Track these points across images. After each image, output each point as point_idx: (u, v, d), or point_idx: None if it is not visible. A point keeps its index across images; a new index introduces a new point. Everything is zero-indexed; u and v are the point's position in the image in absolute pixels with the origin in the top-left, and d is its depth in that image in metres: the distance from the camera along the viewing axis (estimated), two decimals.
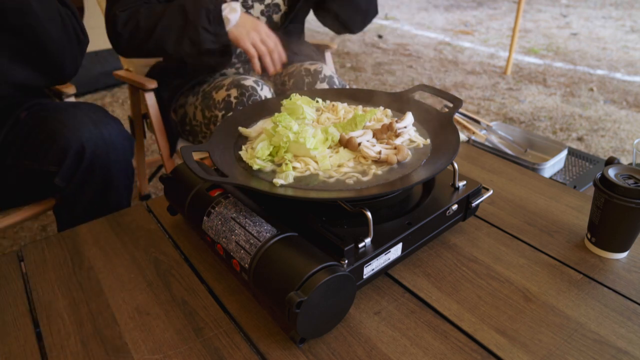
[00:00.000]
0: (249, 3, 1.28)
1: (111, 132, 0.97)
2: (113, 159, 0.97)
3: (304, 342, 0.63)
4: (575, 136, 2.53)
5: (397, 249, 0.71)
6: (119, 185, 1.01)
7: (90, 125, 0.94)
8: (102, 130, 0.95)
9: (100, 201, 1.00)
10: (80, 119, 0.95)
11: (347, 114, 0.86)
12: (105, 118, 0.98)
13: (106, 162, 0.96)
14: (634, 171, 0.74)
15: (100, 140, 0.94)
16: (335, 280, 0.59)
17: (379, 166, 0.73)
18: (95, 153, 0.93)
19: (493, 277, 0.74)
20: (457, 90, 3.18)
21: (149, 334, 0.65)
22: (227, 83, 1.20)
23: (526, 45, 4.12)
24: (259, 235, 0.65)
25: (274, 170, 0.73)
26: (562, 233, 0.84)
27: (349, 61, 3.82)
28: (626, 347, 0.62)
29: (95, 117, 0.97)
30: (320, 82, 1.28)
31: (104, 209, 1.00)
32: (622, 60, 3.70)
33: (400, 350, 0.62)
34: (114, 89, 3.18)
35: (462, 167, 1.06)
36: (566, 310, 0.68)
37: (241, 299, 0.71)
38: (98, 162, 0.95)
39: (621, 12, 5.31)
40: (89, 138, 0.92)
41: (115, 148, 0.97)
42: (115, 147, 0.97)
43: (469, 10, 5.53)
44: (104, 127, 0.96)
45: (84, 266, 0.78)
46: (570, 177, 1.61)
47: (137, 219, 0.90)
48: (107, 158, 0.96)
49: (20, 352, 0.63)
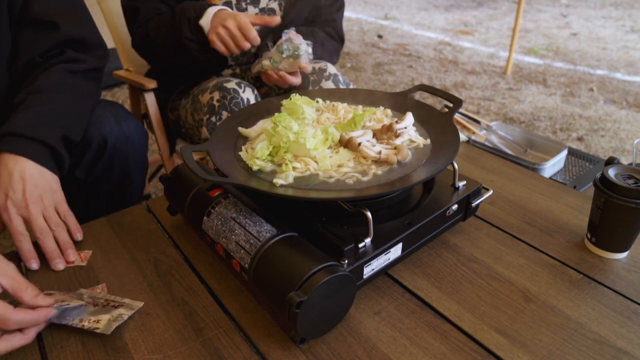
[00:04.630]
0: (243, 6, 1.28)
1: (130, 127, 1.00)
2: (131, 153, 1.01)
3: (304, 342, 0.63)
4: (575, 136, 2.53)
5: (397, 249, 0.71)
6: (135, 179, 1.04)
7: (111, 120, 0.97)
8: (122, 124, 0.99)
9: (117, 194, 1.03)
10: (101, 114, 0.98)
11: (347, 114, 0.86)
12: (124, 114, 1.02)
13: (125, 155, 0.99)
14: (634, 171, 0.74)
15: (121, 134, 0.97)
16: (335, 280, 0.59)
17: (379, 166, 0.73)
18: (115, 146, 0.96)
19: (493, 277, 0.74)
20: (457, 90, 3.18)
21: (149, 334, 0.65)
22: (211, 86, 1.21)
23: (526, 45, 4.12)
24: (259, 235, 0.65)
25: (274, 171, 0.73)
26: (562, 233, 0.84)
27: (349, 61, 3.82)
28: (626, 347, 0.62)
29: (115, 112, 1.00)
30: (325, 80, 1.28)
31: (120, 201, 1.02)
32: (622, 60, 3.70)
33: (400, 350, 0.62)
34: (114, 88, 3.18)
35: (462, 167, 1.06)
36: (566, 310, 0.68)
37: (241, 299, 0.71)
38: (118, 156, 0.98)
39: (621, 12, 5.31)
40: (109, 132, 0.96)
41: (133, 142, 1.01)
42: (133, 142, 1.00)
43: (469, 10, 5.53)
44: (124, 122, 0.99)
45: (84, 266, 0.78)
46: (570, 177, 1.61)
47: (137, 219, 0.90)
48: (126, 151, 0.99)
49: (20, 352, 0.63)
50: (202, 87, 1.25)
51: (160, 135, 1.39)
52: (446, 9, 5.61)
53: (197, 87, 1.29)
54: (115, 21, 1.46)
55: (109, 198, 1.02)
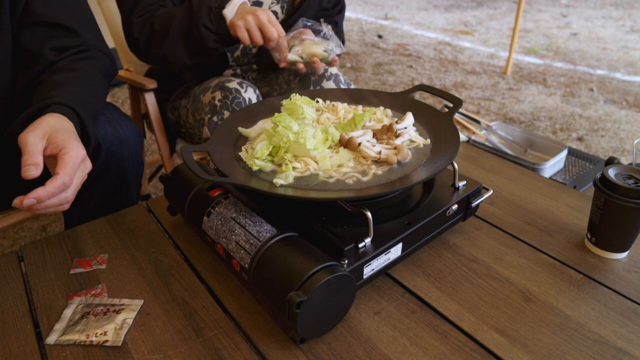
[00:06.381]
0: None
1: (125, 129, 0.99)
2: (127, 155, 1.00)
3: (304, 342, 0.63)
4: (575, 136, 2.53)
5: (397, 249, 0.71)
6: (131, 181, 1.04)
7: (105, 123, 0.96)
8: (117, 127, 0.98)
9: (113, 195, 1.02)
10: None
11: (347, 114, 0.86)
12: (119, 116, 1.01)
13: (120, 158, 0.99)
14: (634, 171, 0.74)
15: (115, 137, 0.97)
16: (335, 280, 0.59)
17: (379, 166, 0.73)
18: (110, 150, 0.96)
19: (493, 277, 0.74)
20: (457, 90, 3.18)
21: (149, 334, 0.65)
22: (212, 85, 1.20)
23: (526, 45, 4.12)
24: (259, 235, 0.65)
25: (274, 171, 0.73)
26: (562, 233, 0.84)
27: (349, 61, 3.82)
28: (626, 347, 0.62)
29: (109, 115, 0.99)
30: (326, 80, 1.28)
31: (116, 204, 1.02)
32: (622, 60, 3.70)
33: (400, 350, 0.62)
34: (114, 88, 3.18)
35: (462, 167, 1.06)
36: (566, 310, 0.68)
37: (241, 299, 0.71)
38: (113, 159, 0.97)
39: (621, 12, 5.31)
40: (104, 135, 0.95)
41: (128, 145, 1.00)
42: (128, 144, 1.00)
43: (469, 10, 5.53)
44: (118, 124, 0.99)
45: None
46: (570, 177, 1.61)
47: (137, 219, 0.90)
48: (121, 154, 0.99)
49: (20, 352, 0.63)
50: (203, 86, 1.25)
51: (160, 135, 1.39)
52: (446, 9, 5.61)
53: (198, 86, 1.29)
54: (116, 21, 1.46)
55: (106, 201, 1.01)
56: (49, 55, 0.88)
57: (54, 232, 1.74)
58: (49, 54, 0.88)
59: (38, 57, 0.88)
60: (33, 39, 0.89)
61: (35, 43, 0.88)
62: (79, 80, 0.86)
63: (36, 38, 0.89)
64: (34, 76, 0.88)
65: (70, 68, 0.87)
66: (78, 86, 0.85)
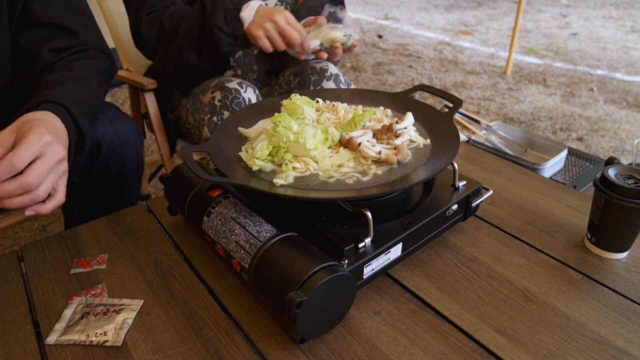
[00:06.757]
0: None
1: (125, 129, 0.99)
2: (127, 155, 1.00)
3: (304, 342, 0.63)
4: (575, 136, 2.53)
5: (397, 249, 0.71)
6: (131, 181, 1.04)
7: (105, 123, 0.96)
8: (117, 127, 0.98)
9: (113, 195, 1.02)
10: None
11: (347, 114, 0.86)
12: (119, 115, 1.01)
13: (120, 158, 0.99)
14: (634, 171, 0.74)
15: (116, 137, 0.97)
16: (335, 280, 0.59)
17: (379, 166, 0.73)
18: (110, 149, 0.96)
19: (493, 277, 0.74)
20: (457, 90, 3.18)
21: (149, 334, 0.65)
22: (212, 85, 1.20)
23: (526, 45, 4.12)
24: (259, 235, 0.65)
25: (274, 171, 0.73)
26: (562, 233, 0.84)
27: (349, 61, 3.82)
28: (626, 347, 0.62)
29: (110, 114, 0.99)
30: (326, 80, 1.28)
31: (116, 204, 1.02)
32: (622, 60, 3.70)
33: (400, 350, 0.62)
34: (114, 88, 3.18)
35: (462, 167, 1.06)
36: (566, 310, 0.68)
37: (241, 299, 0.71)
38: (113, 159, 0.97)
39: (621, 12, 5.31)
40: (104, 135, 0.95)
41: (129, 144, 1.00)
42: (128, 144, 1.00)
43: (469, 10, 5.53)
44: (119, 124, 0.99)
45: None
46: (570, 177, 1.61)
47: (137, 219, 0.90)
48: (122, 154, 0.99)
49: (20, 352, 0.63)
50: (203, 86, 1.24)
51: (160, 135, 1.39)
52: (446, 9, 5.61)
53: (198, 86, 1.28)
54: (116, 21, 1.46)
55: (106, 201, 1.02)
56: (48, 56, 0.88)
57: (54, 232, 1.74)
58: (47, 56, 0.88)
59: (37, 58, 0.88)
60: (32, 40, 0.89)
61: (35, 44, 0.88)
62: (75, 80, 0.85)
63: (35, 39, 0.89)
64: (33, 77, 0.87)
65: (67, 68, 0.87)
66: (74, 85, 0.84)
